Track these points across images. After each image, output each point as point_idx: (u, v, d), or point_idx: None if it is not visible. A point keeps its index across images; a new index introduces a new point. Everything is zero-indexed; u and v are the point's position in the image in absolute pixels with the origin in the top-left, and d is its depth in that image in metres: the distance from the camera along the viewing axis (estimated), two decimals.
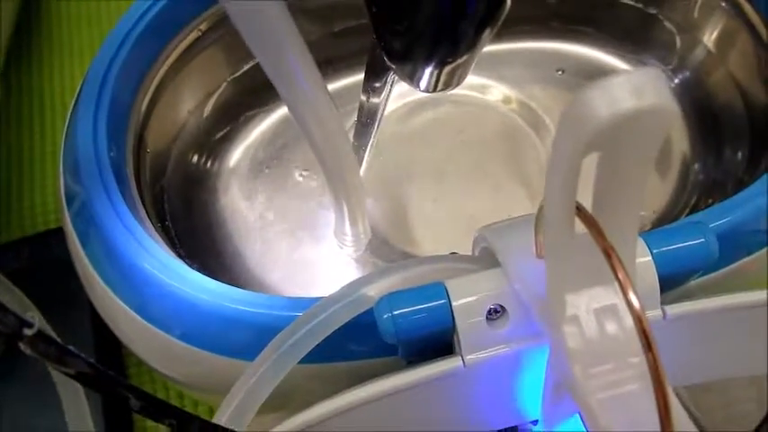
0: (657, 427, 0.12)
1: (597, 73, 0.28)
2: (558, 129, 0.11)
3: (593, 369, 0.14)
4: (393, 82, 0.20)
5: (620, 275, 0.13)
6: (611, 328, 0.14)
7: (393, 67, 0.17)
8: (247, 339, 0.19)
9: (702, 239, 0.17)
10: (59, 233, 0.37)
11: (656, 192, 0.26)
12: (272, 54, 0.16)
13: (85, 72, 0.21)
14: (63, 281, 0.34)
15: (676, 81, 0.27)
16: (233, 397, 0.18)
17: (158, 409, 0.13)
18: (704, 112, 0.27)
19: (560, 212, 0.12)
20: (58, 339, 0.12)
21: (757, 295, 0.17)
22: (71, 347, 0.12)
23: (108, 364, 0.34)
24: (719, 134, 0.26)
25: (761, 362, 0.19)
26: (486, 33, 0.15)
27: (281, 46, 0.16)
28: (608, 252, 0.13)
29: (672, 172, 0.27)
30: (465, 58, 0.15)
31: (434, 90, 0.16)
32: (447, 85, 0.16)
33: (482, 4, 0.13)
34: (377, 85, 0.21)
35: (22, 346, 0.12)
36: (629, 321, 0.14)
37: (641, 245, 0.17)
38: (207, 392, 0.23)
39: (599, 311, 0.14)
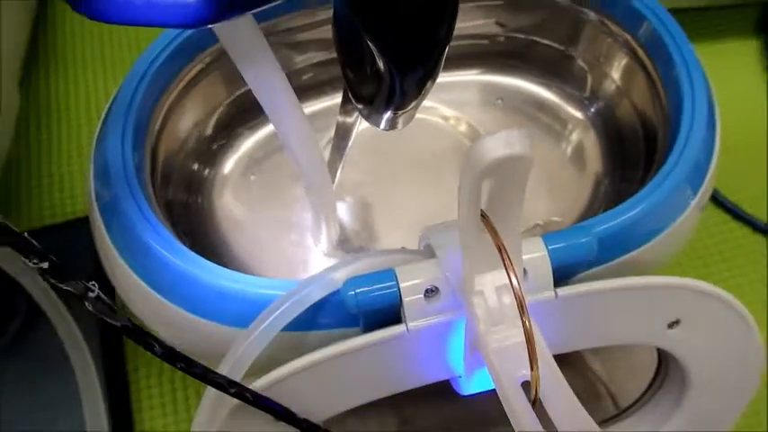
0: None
1: (528, 100, 0.34)
2: (462, 164, 0.17)
3: (492, 328, 0.19)
4: None
5: (506, 263, 0.18)
6: (505, 299, 0.19)
7: (359, 107, 0.22)
8: (235, 309, 0.24)
9: (585, 239, 0.23)
10: (62, 228, 0.42)
11: (575, 201, 0.32)
12: (263, 90, 0.21)
13: (113, 94, 0.27)
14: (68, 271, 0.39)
15: (592, 110, 0.33)
16: (232, 355, 0.23)
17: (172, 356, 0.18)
18: (613, 137, 0.33)
19: (469, 219, 0.18)
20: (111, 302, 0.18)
21: (621, 281, 0.23)
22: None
23: (111, 345, 0.39)
24: (624, 155, 0.32)
25: (630, 333, 0.25)
26: (429, 86, 0.20)
27: (270, 83, 0.21)
28: (499, 247, 0.18)
29: (587, 185, 0.33)
30: (412, 105, 0.20)
31: (389, 129, 0.22)
32: (396, 127, 0.21)
33: (423, 68, 0.18)
34: (350, 108, 0.25)
35: (87, 304, 0.17)
36: None
37: (540, 243, 0.22)
38: (199, 356, 0.28)
39: (498, 288, 0.20)
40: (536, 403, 0.18)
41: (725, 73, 0.50)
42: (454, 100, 0.34)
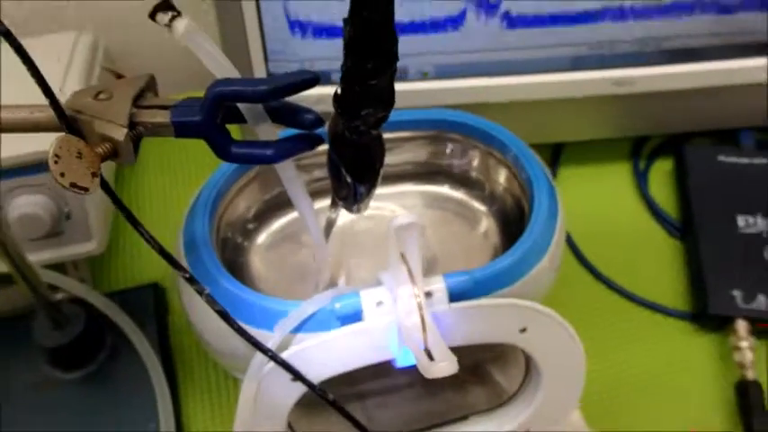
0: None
1: (450, 200, 0.53)
2: (388, 229, 0.35)
3: (406, 316, 0.37)
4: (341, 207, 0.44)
5: (413, 281, 0.37)
6: (413, 302, 0.37)
7: (340, 202, 0.41)
8: (267, 319, 0.41)
9: (467, 278, 0.41)
10: (134, 291, 0.59)
11: (480, 262, 0.51)
12: (294, 194, 0.40)
13: (196, 195, 0.46)
14: (140, 323, 0.56)
15: (494, 207, 0.52)
16: (267, 342, 0.40)
17: (243, 332, 0.36)
18: (504, 220, 0.51)
19: (394, 259, 0.36)
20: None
21: (487, 301, 0.41)
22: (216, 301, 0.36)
23: (168, 364, 0.56)
24: (511, 231, 0.50)
25: (497, 334, 0.43)
26: (373, 191, 0.39)
27: (298, 191, 0.40)
28: (410, 275, 0.37)
29: (488, 252, 0.51)
30: (366, 201, 0.39)
31: (357, 213, 0.40)
32: (361, 211, 0.40)
33: (369, 182, 0.38)
34: (334, 206, 0.44)
35: (202, 297, 0.35)
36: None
37: (441, 278, 0.41)
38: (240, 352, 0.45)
39: (410, 295, 0.38)
40: (427, 351, 0.35)
41: (606, 189, 0.70)
42: (400, 203, 0.53)
